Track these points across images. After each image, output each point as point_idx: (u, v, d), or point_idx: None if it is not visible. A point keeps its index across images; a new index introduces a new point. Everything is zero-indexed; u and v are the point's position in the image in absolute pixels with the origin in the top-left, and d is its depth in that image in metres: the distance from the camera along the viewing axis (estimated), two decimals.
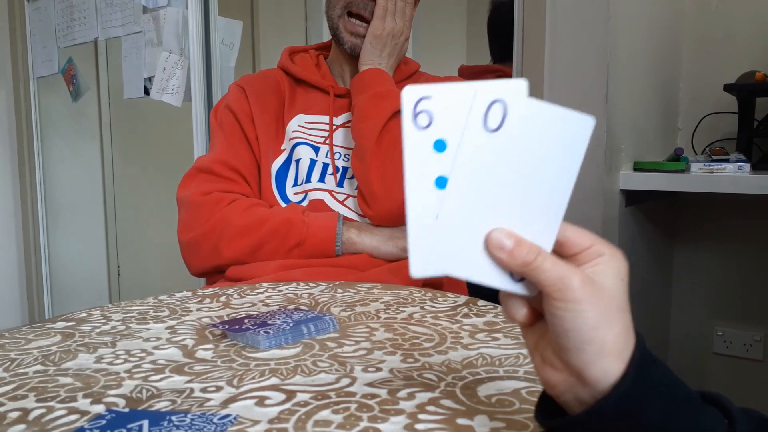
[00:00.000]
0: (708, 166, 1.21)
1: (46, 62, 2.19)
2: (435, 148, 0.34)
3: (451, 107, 0.34)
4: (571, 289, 0.32)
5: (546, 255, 0.33)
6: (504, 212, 0.35)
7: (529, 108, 0.34)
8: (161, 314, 0.70)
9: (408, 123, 0.34)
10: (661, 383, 0.32)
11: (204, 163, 1.05)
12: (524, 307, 0.36)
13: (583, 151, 0.34)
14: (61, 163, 2.32)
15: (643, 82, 1.38)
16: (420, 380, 0.49)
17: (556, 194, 0.34)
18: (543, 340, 0.35)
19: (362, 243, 1.00)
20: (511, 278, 0.35)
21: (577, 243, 0.34)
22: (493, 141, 0.34)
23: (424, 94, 0.34)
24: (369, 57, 1.07)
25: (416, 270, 0.35)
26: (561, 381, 0.34)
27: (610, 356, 0.32)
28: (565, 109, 0.34)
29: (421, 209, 0.34)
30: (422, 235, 0.35)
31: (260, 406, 0.44)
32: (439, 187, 0.34)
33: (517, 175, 0.34)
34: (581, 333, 0.32)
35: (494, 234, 0.34)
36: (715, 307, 1.56)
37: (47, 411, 0.44)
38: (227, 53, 1.84)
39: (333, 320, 0.63)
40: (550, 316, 0.33)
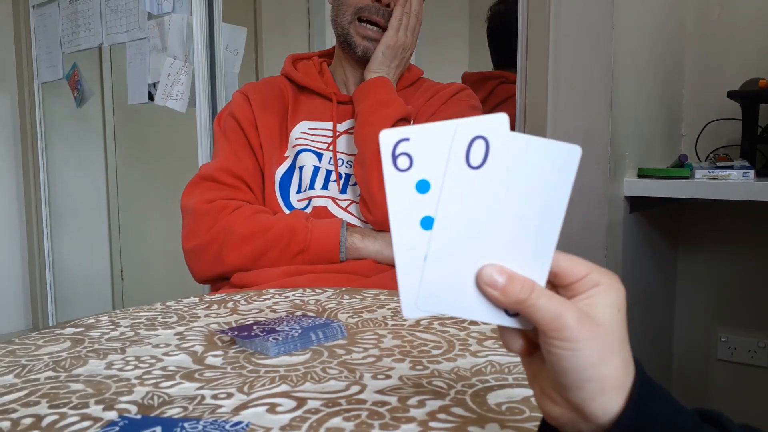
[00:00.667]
0: (712, 173, 1.22)
1: (50, 68, 2.20)
2: (418, 190, 0.33)
3: (431, 147, 0.33)
4: (567, 328, 0.31)
5: (540, 291, 0.32)
6: (494, 248, 0.34)
7: (512, 142, 0.33)
8: (169, 320, 0.70)
9: (388, 166, 0.33)
10: (661, 413, 0.32)
11: (207, 171, 1.06)
12: (520, 338, 0.35)
13: (572, 179, 0.33)
14: (65, 168, 2.33)
15: (647, 89, 1.39)
16: (430, 388, 0.49)
17: (546, 225, 0.34)
18: (541, 373, 0.35)
19: (366, 248, 1.00)
20: (505, 313, 0.34)
21: (571, 273, 0.33)
22: (477, 178, 0.33)
23: (402, 136, 0.33)
24: (378, 66, 1.08)
25: (408, 312, 0.34)
26: (561, 414, 0.33)
27: (611, 392, 0.31)
28: (549, 140, 0.33)
29: (408, 251, 0.34)
30: (411, 277, 0.34)
31: (272, 413, 0.44)
32: (425, 228, 0.34)
33: (505, 210, 0.33)
34: (579, 372, 0.31)
35: (485, 270, 0.33)
36: (719, 313, 1.56)
37: (60, 417, 0.44)
38: (231, 59, 1.85)
39: (341, 327, 0.63)
40: (546, 354, 0.32)
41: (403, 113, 1.03)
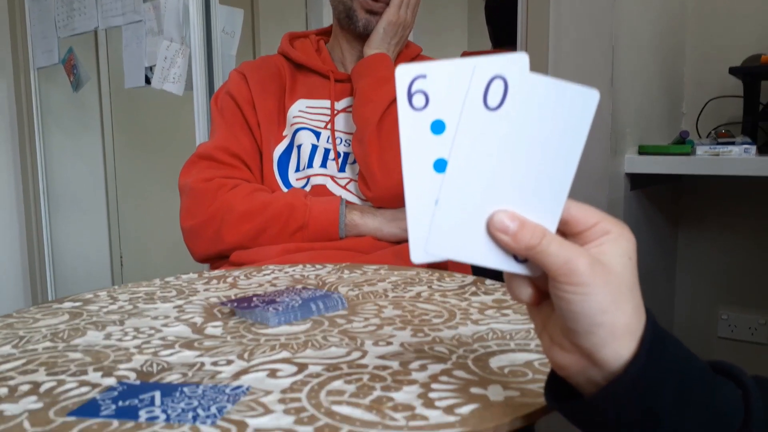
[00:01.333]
0: (713, 149, 1.21)
1: (46, 52, 2.18)
2: (432, 130, 0.33)
3: (449, 86, 0.32)
4: (578, 273, 0.31)
5: (551, 237, 0.32)
6: (506, 193, 0.33)
7: (532, 83, 0.32)
8: (168, 294, 0.70)
9: (403, 104, 0.32)
10: (673, 361, 0.32)
11: (205, 149, 1.05)
12: (529, 286, 0.35)
13: (588, 125, 0.33)
14: (62, 153, 2.31)
15: (648, 65, 1.38)
16: (431, 353, 0.48)
17: (560, 172, 0.33)
18: (550, 321, 0.34)
19: (365, 225, 0.99)
20: (514, 259, 0.34)
21: (582, 221, 0.33)
22: (493, 120, 0.32)
23: (419, 73, 0.32)
24: (379, 42, 1.06)
25: (416, 256, 0.34)
26: (571, 363, 0.33)
27: (622, 338, 0.31)
28: (568, 83, 0.32)
29: (419, 194, 0.33)
30: (422, 220, 0.33)
31: (272, 378, 0.44)
32: (438, 171, 0.33)
33: (520, 154, 0.33)
34: (591, 317, 0.31)
35: (497, 216, 0.33)
36: (719, 291, 1.56)
37: (58, 384, 0.44)
38: (228, 41, 1.83)
39: (342, 298, 0.62)
40: (557, 300, 0.32)
41: None
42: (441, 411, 0.38)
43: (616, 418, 0.32)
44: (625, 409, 0.31)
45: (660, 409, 0.31)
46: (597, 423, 0.33)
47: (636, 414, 0.31)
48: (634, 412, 0.31)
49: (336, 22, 1.13)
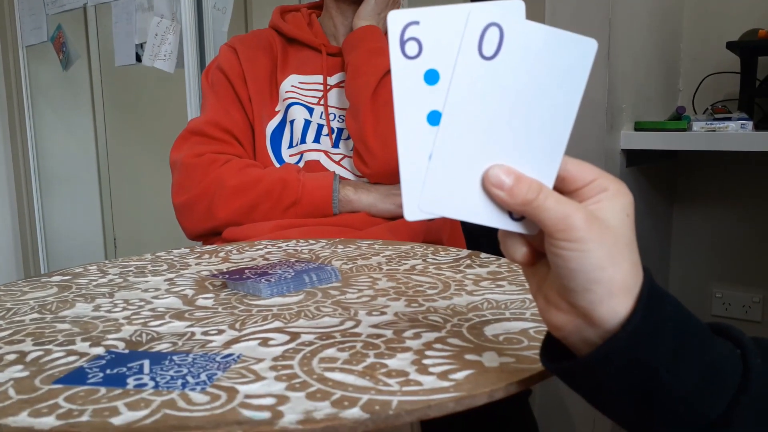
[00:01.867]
0: (710, 125, 1.20)
1: (34, 30, 2.14)
2: (426, 80, 0.31)
3: (442, 33, 0.31)
4: (575, 229, 0.30)
5: (548, 192, 0.31)
6: (502, 147, 0.32)
7: (528, 31, 0.31)
8: (159, 268, 0.69)
9: (395, 52, 0.31)
10: (670, 318, 0.31)
11: (196, 125, 1.03)
12: (524, 245, 0.34)
13: (586, 76, 0.32)
14: (53, 132, 2.29)
15: (645, 40, 1.36)
16: (425, 322, 0.48)
17: (557, 125, 0.32)
18: (546, 282, 0.34)
19: (359, 201, 0.98)
20: (509, 217, 0.33)
21: (579, 177, 0.32)
22: (489, 69, 0.31)
23: (412, 19, 0.31)
24: (369, 13, 1.04)
25: (410, 213, 0.33)
26: (567, 323, 0.32)
27: (619, 295, 0.30)
28: (566, 32, 0.31)
29: (412, 149, 0.32)
30: (415, 176, 0.32)
31: (264, 347, 0.43)
32: (431, 124, 0.32)
33: (516, 106, 0.32)
34: (588, 273, 0.30)
35: (492, 171, 0.32)
36: (713, 269, 1.56)
37: (45, 353, 0.43)
38: (220, 18, 1.80)
39: (335, 270, 0.62)
40: (553, 257, 0.31)
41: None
42: (435, 377, 0.37)
43: (612, 377, 0.31)
44: (621, 367, 0.31)
45: (657, 363, 0.30)
46: (593, 383, 0.32)
47: (632, 371, 0.30)
48: (631, 369, 0.31)
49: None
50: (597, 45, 0.31)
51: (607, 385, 0.32)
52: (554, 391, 1.30)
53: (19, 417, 0.33)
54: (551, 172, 0.32)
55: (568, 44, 0.31)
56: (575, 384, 0.34)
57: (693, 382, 0.30)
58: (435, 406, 0.34)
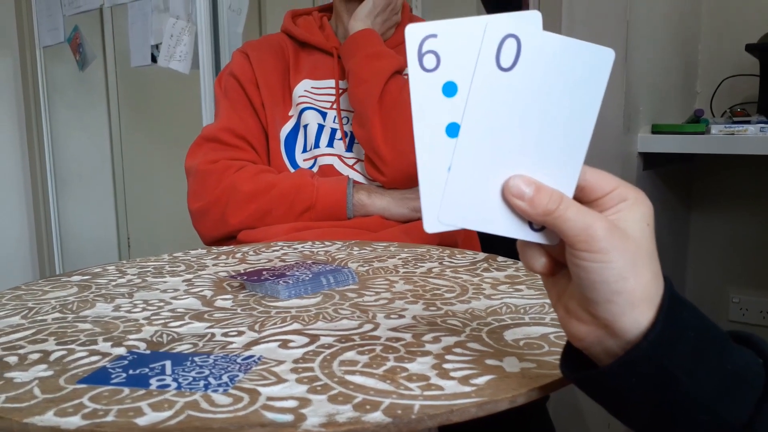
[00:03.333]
0: (729, 128, 1.19)
1: (51, 31, 2.16)
2: (444, 93, 0.32)
3: (460, 45, 0.31)
4: (597, 239, 0.30)
5: (569, 202, 0.31)
6: (521, 157, 0.32)
7: (546, 42, 0.31)
8: (177, 269, 0.69)
9: (414, 66, 0.31)
10: (691, 327, 0.31)
11: (210, 131, 1.04)
12: (544, 256, 0.34)
13: (604, 85, 0.32)
14: (69, 132, 2.31)
15: (663, 42, 1.35)
16: (444, 326, 0.48)
17: (576, 135, 0.32)
18: (566, 293, 0.33)
19: (373, 205, 0.98)
20: (530, 227, 0.33)
21: (598, 187, 0.32)
22: (507, 80, 0.31)
23: (430, 32, 0.31)
24: (366, 15, 1.03)
25: (430, 225, 0.33)
26: (588, 333, 0.32)
27: (641, 305, 0.30)
28: (583, 42, 0.31)
29: (432, 161, 0.32)
30: (434, 188, 0.32)
31: (284, 348, 0.43)
32: (450, 136, 0.32)
33: (534, 117, 0.32)
34: (610, 284, 0.30)
35: (513, 181, 0.32)
36: (730, 273, 1.55)
37: (68, 353, 0.43)
38: (235, 19, 1.81)
39: (352, 273, 0.62)
40: (574, 268, 0.31)
41: (397, 66, 1.00)
42: (456, 381, 0.37)
43: (634, 387, 0.31)
44: (642, 376, 0.30)
45: (678, 372, 0.30)
46: (614, 392, 0.32)
47: (654, 380, 0.30)
48: (652, 378, 0.30)
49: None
50: (614, 54, 0.31)
51: (628, 394, 0.31)
52: (569, 396, 1.29)
53: (46, 416, 0.33)
54: (571, 181, 0.32)
55: (585, 54, 0.31)
56: (595, 393, 0.33)
57: (715, 390, 0.30)
58: (457, 411, 0.34)
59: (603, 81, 0.31)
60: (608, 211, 0.32)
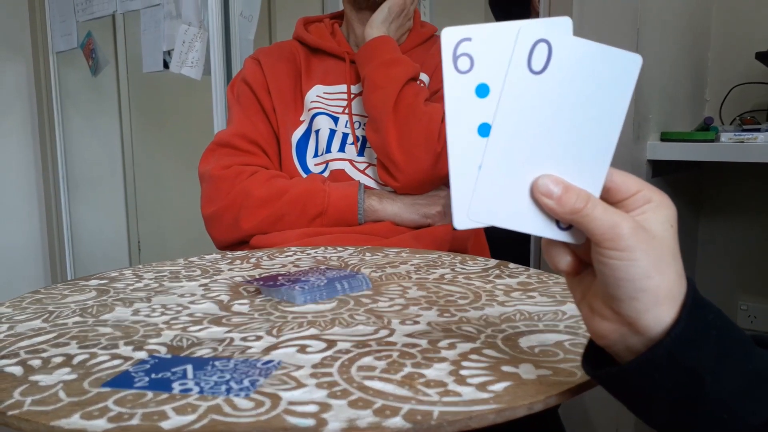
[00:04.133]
0: (738, 136, 1.19)
1: (65, 37, 2.19)
2: (477, 94, 0.33)
3: (493, 49, 0.32)
4: (622, 238, 0.31)
5: (596, 202, 0.32)
6: (550, 158, 0.33)
7: (576, 47, 0.32)
8: (193, 273, 0.70)
9: (449, 67, 0.33)
10: (714, 326, 0.32)
11: (223, 137, 1.05)
12: (568, 255, 0.35)
13: (632, 90, 0.33)
14: (81, 137, 2.33)
15: (673, 50, 1.35)
16: (459, 332, 0.48)
17: (603, 137, 0.33)
18: (590, 291, 0.34)
19: (384, 211, 0.99)
20: (557, 226, 0.34)
21: (624, 188, 0.33)
22: (537, 83, 0.33)
23: (465, 36, 0.32)
24: (382, 21, 1.04)
25: (459, 222, 0.34)
26: (612, 331, 0.33)
27: (664, 303, 0.31)
28: (611, 47, 0.32)
29: (463, 159, 0.33)
30: (465, 186, 0.34)
31: (302, 353, 0.44)
32: (482, 135, 0.33)
33: (564, 119, 0.33)
34: (635, 282, 0.31)
35: (541, 180, 0.33)
36: (739, 281, 1.54)
37: (90, 356, 0.44)
38: (246, 25, 1.83)
39: (366, 278, 0.62)
40: (600, 266, 0.32)
41: (412, 72, 1.00)
42: (474, 388, 0.37)
43: (656, 383, 0.32)
44: (664, 373, 0.31)
45: (700, 369, 0.31)
46: (635, 389, 0.33)
47: (675, 377, 0.31)
48: (674, 375, 0.31)
49: (346, 3, 1.12)
50: (642, 60, 0.32)
51: (649, 391, 0.32)
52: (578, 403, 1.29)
53: (72, 419, 0.34)
54: (598, 182, 0.33)
55: (614, 59, 0.33)
56: (618, 390, 0.34)
57: (736, 389, 0.31)
58: (476, 418, 0.34)
59: (630, 85, 0.33)
60: (633, 212, 0.33)
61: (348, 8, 1.13)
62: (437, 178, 0.98)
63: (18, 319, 0.54)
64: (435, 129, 0.95)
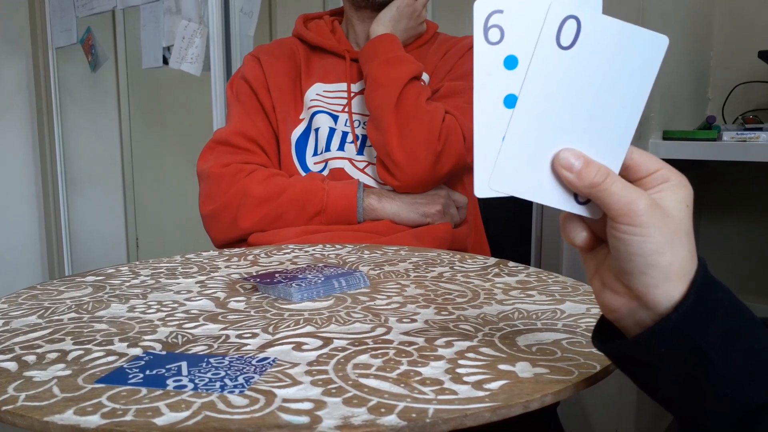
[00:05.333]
0: (741, 135, 1.18)
1: (64, 32, 2.18)
2: (505, 65, 0.33)
3: (524, 22, 0.33)
4: (638, 214, 0.31)
5: (615, 177, 0.33)
6: (573, 132, 0.34)
7: (604, 25, 0.33)
8: (190, 270, 0.70)
9: (479, 38, 0.33)
10: (722, 305, 0.32)
11: (222, 135, 1.05)
12: (585, 230, 0.36)
13: (656, 70, 0.33)
14: (80, 133, 2.33)
15: (675, 48, 1.34)
16: (456, 330, 0.48)
17: (625, 115, 0.34)
18: (603, 266, 0.35)
19: (383, 209, 0.99)
20: (575, 200, 0.35)
21: (643, 167, 0.34)
22: (565, 58, 0.33)
23: (497, 7, 0.33)
24: (389, 20, 1.03)
25: (480, 190, 0.35)
26: (621, 305, 0.33)
27: (674, 279, 0.32)
28: (639, 27, 0.33)
29: (488, 129, 0.34)
30: (488, 155, 0.34)
31: (298, 351, 0.43)
32: (507, 106, 0.34)
33: (588, 95, 0.34)
34: (646, 257, 0.31)
35: (563, 154, 0.34)
36: (741, 281, 1.54)
37: (85, 353, 0.44)
38: (246, 22, 1.82)
39: (363, 276, 0.62)
40: (614, 240, 0.32)
41: (415, 71, 1.00)
42: (470, 386, 0.37)
43: (663, 358, 0.32)
44: (671, 347, 0.32)
45: (707, 346, 0.31)
46: (643, 363, 0.33)
47: (682, 352, 0.31)
48: (681, 349, 0.31)
49: (346, 1, 1.11)
50: (668, 41, 0.33)
51: (656, 365, 0.33)
52: (577, 403, 1.29)
53: (66, 415, 0.34)
54: (618, 159, 0.34)
55: (641, 39, 0.33)
56: (625, 364, 0.35)
57: (742, 367, 0.31)
58: (471, 416, 0.34)
59: (656, 65, 0.33)
60: (651, 190, 0.33)
61: (347, 6, 1.12)
62: (437, 178, 0.98)
63: (13, 314, 0.54)
64: (436, 128, 0.95)
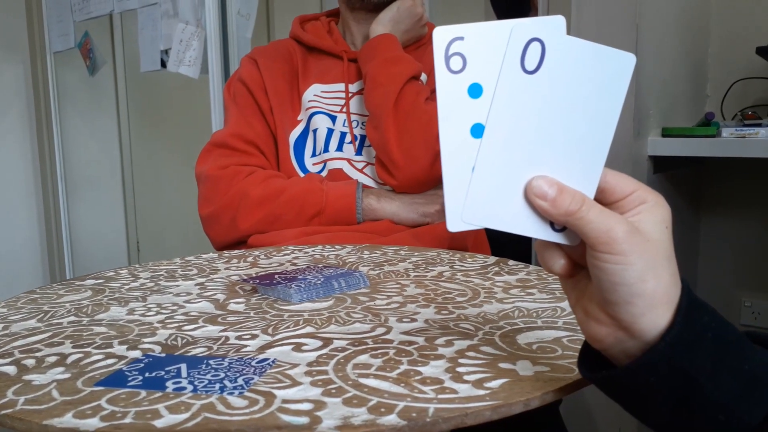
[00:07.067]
0: (740, 131, 1.18)
1: (62, 37, 2.18)
2: (470, 94, 0.32)
3: (486, 48, 0.32)
4: (617, 241, 0.30)
5: (590, 204, 0.32)
6: (544, 159, 0.33)
7: (569, 46, 0.32)
8: (189, 272, 0.69)
9: (441, 67, 0.32)
10: (709, 328, 0.31)
11: (220, 137, 1.05)
12: (562, 257, 0.34)
13: (625, 89, 0.32)
14: (79, 137, 2.33)
15: (673, 45, 1.34)
16: (457, 329, 0.48)
17: (597, 137, 0.33)
18: (585, 294, 0.34)
19: (382, 210, 0.98)
20: (551, 228, 0.33)
21: (618, 189, 0.33)
22: (531, 83, 0.32)
23: (457, 35, 0.32)
24: (389, 20, 1.03)
25: (453, 224, 0.33)
26: (607, 335, 0.32)
27: (660, 307, 0.31)
28: (605, 47, 0.32)
29: (456, 161, 0.33)
30: (458, 187, 0.33)
31: (298, 352, 0.43)
32: (475, 136, 0.33)
33: (557, 119, 0.32)
34: (630, 286, 0.30)
35: (535, 182, 0.33)
36: (742, 277, 1.54)
37: (84, 356, 0.44)
38: (244, 24, 1.82)
39: (363, 276, 0.62)
40: (595, 269, 0.31)
41: (414, 71, 1.00)
42: (470, 385, 0.37)
43: (652, 386, 0.31)
44: (661, 376, 0.31)
45: (696, 373, 0.30)
46: (632, 392, 0.32)
47: (672, 380, 0.31)
48: (671, 378, 0.31)
49: (341, 2, 1.11)
50: (635, 59, 0.32)
51: (646, 393, 0.32)
52: (580, 399, 1.29)
53: (65, 418, 0.34)
54: (592, 183, 0.33)
55: (607, 58, 0.32)
56: (614, 393, 0.34)
57: (733, 390, 0.30)
58: (471, 414, 0.34)
59: (624, 84, 0.32)
60: (628, 213, 0.32)
61: (343, 7, 1.12)
62: (436, 178, 0.98)
63: (13, 318, 0.54)
64: (435, 128, 0.94)
